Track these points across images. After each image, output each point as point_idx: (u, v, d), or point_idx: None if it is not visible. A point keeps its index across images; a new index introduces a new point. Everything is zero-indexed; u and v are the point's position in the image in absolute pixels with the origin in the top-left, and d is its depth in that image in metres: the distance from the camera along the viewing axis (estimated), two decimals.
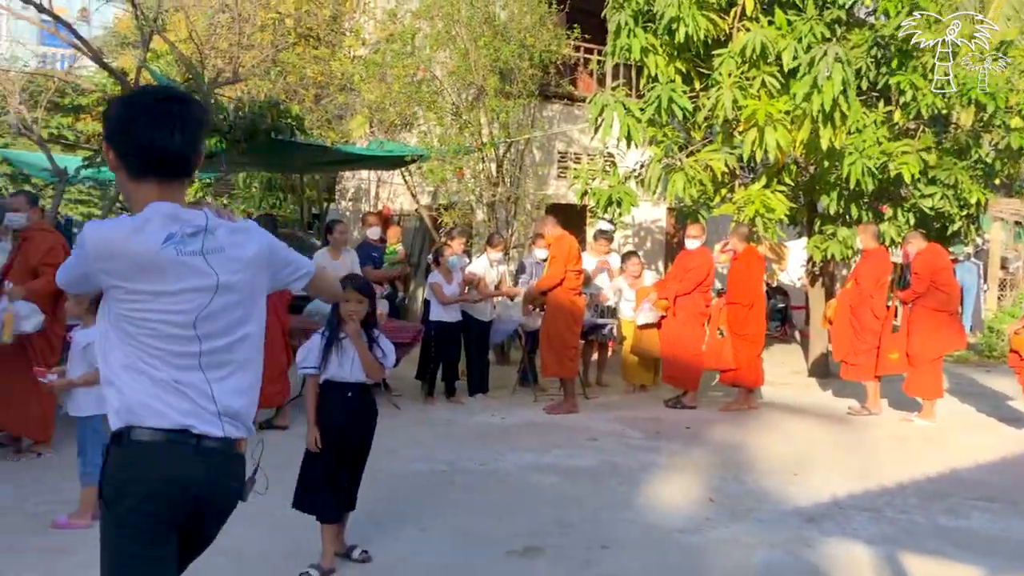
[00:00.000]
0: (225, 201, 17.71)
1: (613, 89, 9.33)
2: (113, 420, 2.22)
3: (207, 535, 2.37)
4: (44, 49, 21.37)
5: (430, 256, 9.05)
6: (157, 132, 2.17)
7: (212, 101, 8.62)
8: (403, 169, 12.15)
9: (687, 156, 9.18)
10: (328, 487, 4.22)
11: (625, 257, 9.99)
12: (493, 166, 11.45)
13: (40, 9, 8.90)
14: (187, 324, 2.19)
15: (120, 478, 2.18)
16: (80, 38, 8.75)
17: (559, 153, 13.30)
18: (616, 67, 11.69)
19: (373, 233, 9.02)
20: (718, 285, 9.81)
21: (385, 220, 15.65)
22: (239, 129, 8.76)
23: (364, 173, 16.54)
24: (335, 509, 4.26)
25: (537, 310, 8.73)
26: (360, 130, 12.46)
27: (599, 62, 13.23)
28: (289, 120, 9.08)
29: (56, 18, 8.74)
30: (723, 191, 9.75)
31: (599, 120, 8.92)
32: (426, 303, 8.90)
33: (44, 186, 11.11)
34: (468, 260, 9.22)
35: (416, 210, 13.21)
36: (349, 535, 4.49)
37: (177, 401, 2.18)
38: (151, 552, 2.19)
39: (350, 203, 17.35)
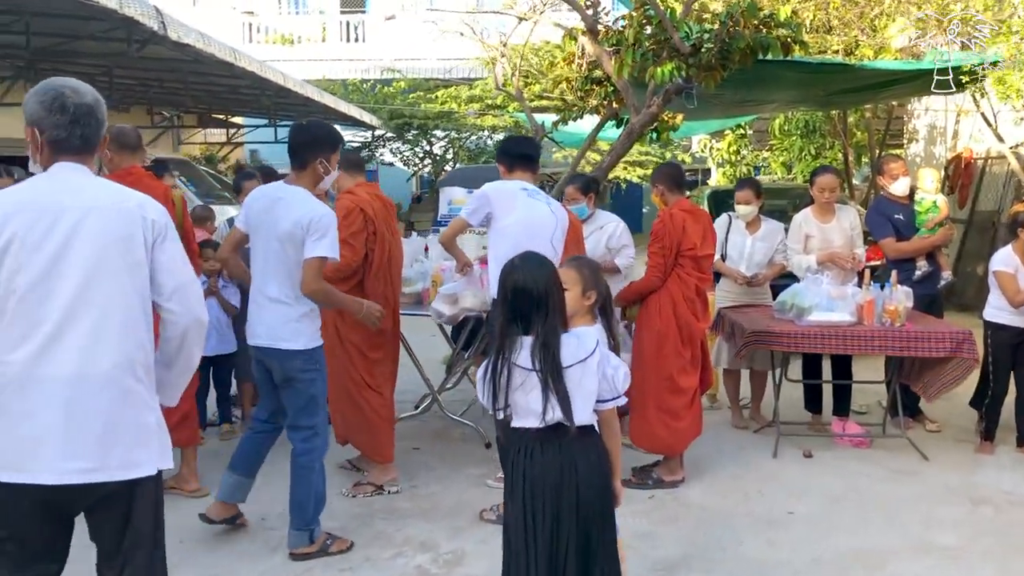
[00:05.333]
0: (766, 154, 15.42)
1: None
2: None
3: None
4: None
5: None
6: None
7: (667, 15, 6.43)
8: (974, 91, 8.44)
9: None
10: None
11: None
12: None
13: None
14: None
15: None
16: None
17: None
18: None
19: (897, 187, 5.95)
20: None
21: (965, 167, 11.80)
22: (708, 52, 6.46)
23: (940, 103, 12.71)
24: None
25: None
26: (901, 38, 9.00)
27: None
28: (779, 31, 6.48)
29: None
30: None
31: None
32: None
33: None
34: None
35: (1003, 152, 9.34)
36: None
37: None
38: None
39: (921, 145, 13.63)
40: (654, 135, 8.02)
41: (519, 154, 4.53)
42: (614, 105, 8.20)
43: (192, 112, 21.31)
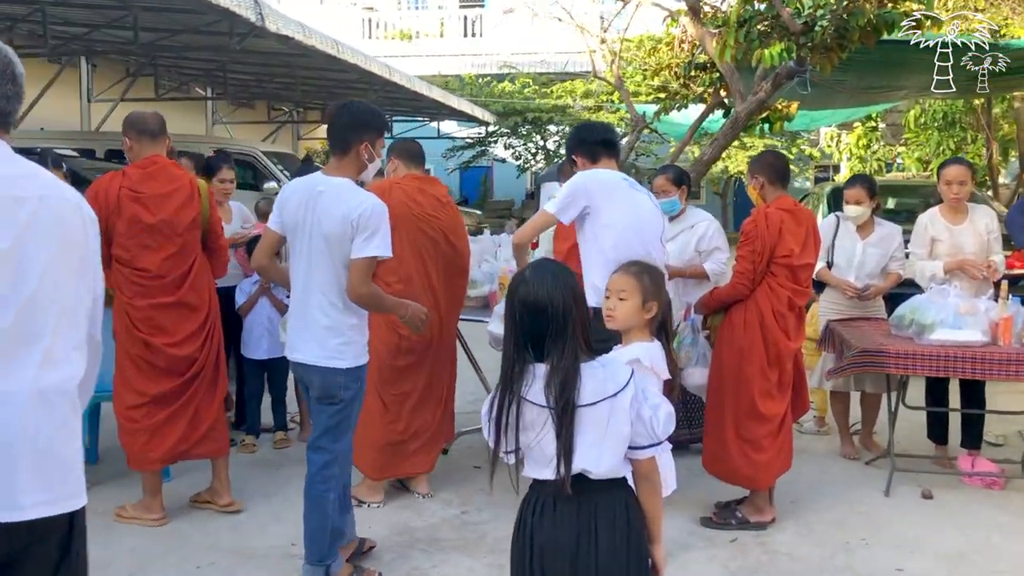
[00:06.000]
0: (901, 149, 14.24)
1: None
2: None
3: None
4: None
5: None
6: None
7: None
8: None
9: None
10: None
11: None
12: None
13: None
14: None
15: None
16: None
17: None
18: None
19: None
20: None
21: None
22: (824, 31, 5.73)
23: None
24: None
25: None
26: None
27: None
28: (907, 5, 5.68)
29: None
30: None
31: None
32: None
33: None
34: None
35: None
36: None
37: None
38: None
39: None
40: (766, 126, 7.31)
41: (600, 140, 3.96)
42: (721, 93, 7.54)
43: (311, 108, 21.66)
